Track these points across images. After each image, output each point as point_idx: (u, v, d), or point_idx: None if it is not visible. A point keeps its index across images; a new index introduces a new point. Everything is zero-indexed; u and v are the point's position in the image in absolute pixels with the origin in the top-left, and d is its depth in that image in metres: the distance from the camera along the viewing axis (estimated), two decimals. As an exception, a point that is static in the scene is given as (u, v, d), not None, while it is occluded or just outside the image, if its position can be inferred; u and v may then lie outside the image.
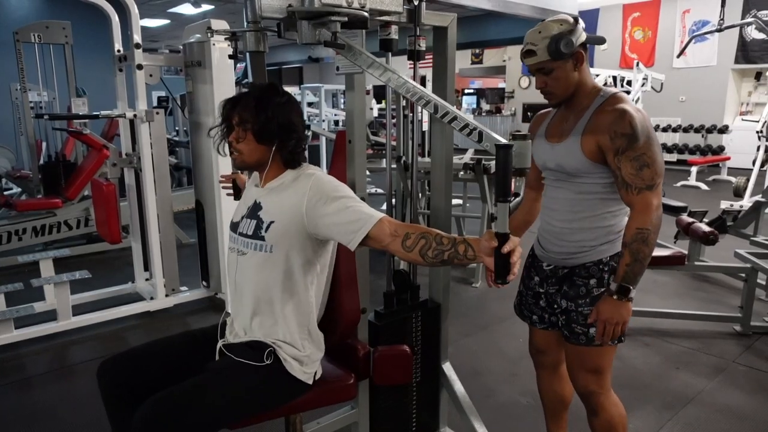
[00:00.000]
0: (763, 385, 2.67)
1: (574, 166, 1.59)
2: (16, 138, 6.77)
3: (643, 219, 1.48)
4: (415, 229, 1.36)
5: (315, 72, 17.84)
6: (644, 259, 1.49)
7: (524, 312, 1.86)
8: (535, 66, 1.58)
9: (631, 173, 1.49)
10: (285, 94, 1.54)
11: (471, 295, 3.91)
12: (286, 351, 1.51)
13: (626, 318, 1.53)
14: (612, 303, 1.53)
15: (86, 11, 4.10)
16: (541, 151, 1.71)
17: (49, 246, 4.61)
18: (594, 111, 1.58)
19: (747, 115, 10.43)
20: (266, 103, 1.49)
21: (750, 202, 5.42)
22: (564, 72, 1.57)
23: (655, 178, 1.49)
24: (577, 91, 1.61)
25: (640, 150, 1.48)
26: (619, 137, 1.49)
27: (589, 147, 1.55)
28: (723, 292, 3.86)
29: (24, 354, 3.03)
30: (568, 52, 1.52)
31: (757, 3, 9.77)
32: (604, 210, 1.61)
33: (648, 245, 1.48)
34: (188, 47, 3.43)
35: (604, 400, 1.68)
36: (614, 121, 1.50)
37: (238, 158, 1.55)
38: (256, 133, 1.50)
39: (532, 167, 1.84)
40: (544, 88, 1.62)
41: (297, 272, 1.51)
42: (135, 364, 1.55)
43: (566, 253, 1.67)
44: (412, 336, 1.93)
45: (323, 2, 1.31)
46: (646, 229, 1.48)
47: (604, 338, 1.55)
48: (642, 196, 1.49)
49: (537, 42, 1.54)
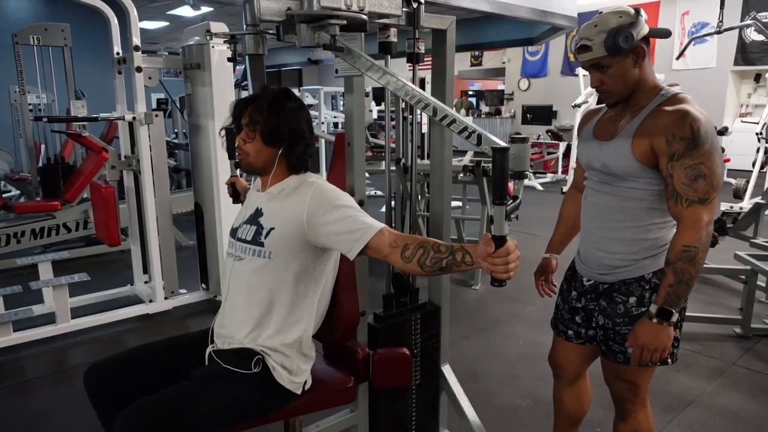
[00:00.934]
0: (763, 387, 2.66)
1: (621, 167, 1.47)
2: (14, 140, 6.76)
3: (691, 235, 1.34)
4: (414, 240, 1.36)
5: (314, 74, 17.85)
6: (690, 281, 1.35)
7: (560, 327, 1.75)
8: (590, 62, 1.45)
9: (684, 183, 1.35)
10: (298, 100, 1.56)
11: (470, 298, 3.91)
12: (275, 359, 1.50)
13: (666, 344, 1.39)
14: (651, 327, 1.39)
15: (85, 13, 4.11)
16: (587, 149, 1.60)
17: (47, 249, 4.61)
18: (651, 110, 1.44)
19: (746, 116, 10.41)
20: (279, 106, 1.50)
21: (750, 203, 5.42)
22: (622, 69, 1.43)
23: (710, 192, 1.35)
24: (636, 90, 1.47)
25: (699, 158, 1.34)
26: (677, 141, 1.35)
27: (640, 148, 1.42)
28: (723, 294, 3.86)
29: (22, 357, 3.02)
30: (627, 47, 1.39)
31: (757, 5, 9.78)
32: (649, 221, 1.49)
33: (695, 265, 1.34)
34: (187, 50, 3.43)
35: (638, 410, 1.63)
36: (673, 123, 1.36)
37: (245, 159, 1.55)
38: (264, 135, 1.50)
39: (579, 167, 1.76)
40: (600, 87, 1.49)
41: (293, 280, 1.50)
42: (121, 370, 1.53)
43: (606, 266, 1.56)
44: (412, 338, 1.92)
45: (322, 5, 1.31)
46: (694, 247, 1.34)
47: (641, 363, 1.43)
48: (692, 209, 1.35)
49: (593, 36, 1.41)
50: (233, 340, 1.54)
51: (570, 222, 1.83)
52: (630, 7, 1.43)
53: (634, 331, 1.43)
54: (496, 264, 1.17)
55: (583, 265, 1.65)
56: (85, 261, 4.55)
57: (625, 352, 1.53)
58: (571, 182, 1.89)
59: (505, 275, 1.17)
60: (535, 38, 6.90)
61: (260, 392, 1.48)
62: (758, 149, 6.74)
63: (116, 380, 1.51)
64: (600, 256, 1.58)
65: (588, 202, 1.63)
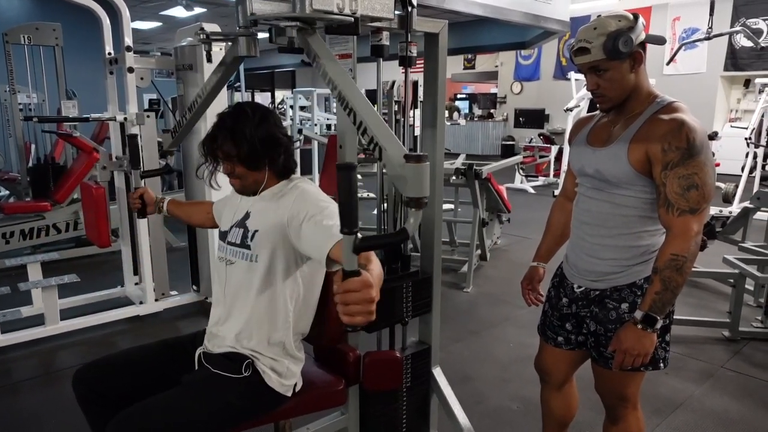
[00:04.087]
0: (751, 390, 2.68)
1: (616, 173, 1.47)
2: (4, 140, 6.70)
3: (680, 245, 1.35)
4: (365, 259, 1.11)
5: (307, 76, 17.83)
6: (676, 289, 1.36)
7: (548, 333, 1.74)
8: (588, 65, 1.44)
9: (677, 192, 1.36)
10: (256, 111, 1.51)
11: (462, 300, 3.91)
12: (264, 363, 1.50)
13: (649, 349, 1.40)
14: (635, 332, 1.39)
15: (77, 13, 4.08)
16: (581, 154, 1.59)
17: (37, 249, 4.57)
18: (648, 118, 1.44)
19: (736, 121, 10.51)
20: (241, 130, 1.46)
21: (739, 208, 5.47)
22: (619, 73, 1.43)
23: (702, 203, 1.35)
24: (631, 96, 1.47)
25: (693, 168, 1.34)
26: (673, 150, 1.35)
27: (636, 155, 1.42)
28: (712, 298, 3.90)
29: (10, 359, 2.99)
30: (626, 51, 1.38)
31: (746, 11, 9.89)
32: (641, 228, 1.49)
33: (682, 274, 1.35)
34: (180, 50, 3.41)
35: (629, 413, 1.63)
36: (670, 132, 1.36)
37: (238, 185, 1.55)
38: (244, 162, 1.49)
39: (569, 176, 1.76)
40: (596, 90, 1.48)
41: (279, 283, 1.50)
42: (111, 373, 1.53)
43: (598, 273, 1.56)
44: (403, 306, 1.88)
45: (314, 8, 1.30)
46: (682, 257, 1.35)
47: (623, 367, 1.44)
48: (683, 219, 1.35)
49: (592, 39, 1.40)
50: (224, 343, 1.54)
51: (558, 231, 1.82)
52: (627, 12, 1.43)
53: (618, 336, 1.44)
54: (337, 302, 0.96)
55: (572, 272, 1.65)
56: (74, 262, 4.52)
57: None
58: (560, 189, 1.89)
59: (345, 318, 0.95)
60: (528, 42, 6.94)
61: (251, 396, 1.47)
62: (747, 154, 6.81)
63: (105, 383, 1.50)
64: (591, 262, 1.57)
65: (580, 209, 1.62)
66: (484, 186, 4.39)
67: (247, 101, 1.58)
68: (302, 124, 9.04)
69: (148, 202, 1.90)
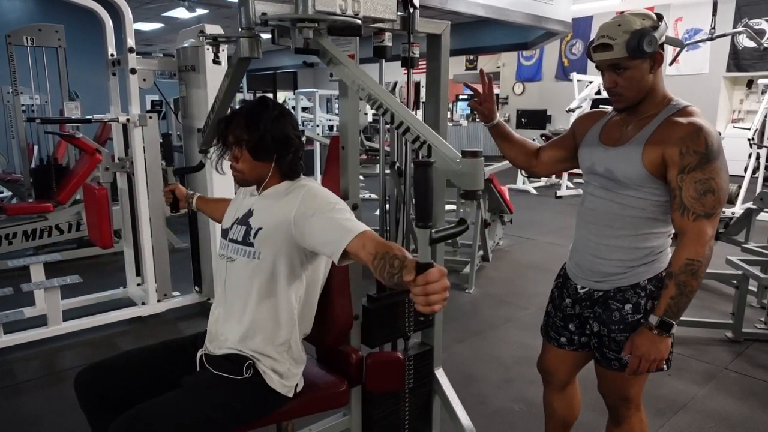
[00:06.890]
0: (754, 391, 2.68)
1: (628, 174, 1.45)
2: (7, 141, 6.73)
3: (695, 249, 1.35)
4: (384, 248, 1.23)
5: (309, 77, 17.85)
6: (691, 293, 1.37)
7: (551, 334, 1.74)
8: (608, 62, 1.42)
9: (693, 196, 1.35)
10: (276, 107, 1.52)
11: (464, 301, 3.91)
12: (265, 364, 1.49)
13: (664, 354, 1.41)
14: (650, 338, 1.40)
15: (80, 15, 4.08)
16: (592, 152, 1.57)
17: (39, 250, 4.58)
18: (663, 120, 1.43)
19: (739, 122, 10.51)
20: (257, 119, 1.47)
21: (742, 209, 5.46)
22: (639, 73, 1.41)
23: (716, 207, 1.36)
24: (647, 97, 1.45)
25: (709, 173, 1.34)
26: (691, 154, 1.35)
27: (651, 157, 1.41)
28: (715, 299, 3.89)
29: (13, 360, 2.99)
30: (650, 50, 1.36)
31: (749, 12, 9.88)
32: (647, 230, 1.48)
33: (697, 278, 1.36)
34: (182, 52, 3.42)
35: (632, 414, 1.62)
36: (688, 135, 1.36)
37: (239, 176, 1.55)
38: (251, 151, 1.49)
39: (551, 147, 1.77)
40: (613, 89, 1.45)
41: (282, 282, 1.50)
42: (112, 375, 1.52)
43: (602, 273, 1.55)
44: (405, 320, 1.89)
45: (317, 9, 1.30)
46: (697, 261, 1.35)
47: (638, 372, 1.44)
48: (698, 223, 1.35)
49: (615, 36, 1.38)
50: (226, 343, 1.53)
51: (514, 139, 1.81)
52: (650, 11, 1.42)
53: (633, 341, 1.43)
54: (416, 294, 1.00)
55: (576, 272, 1.64)
56: (77, 263, 4.52)
57: (620, 359, 1.52)
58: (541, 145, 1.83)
59: (426, 309, 0.99)
60: (530, 43, 6.93)
61: (253, 398, 1.47)
62: (750, 155, 6.79)
63: (107, 385, 1.50)
64: (596, 262, 1.57)
65: (585, 208, 1.61)
66: (486, 187, 4.38)
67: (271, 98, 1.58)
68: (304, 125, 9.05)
69: (179, 197, 1.96)
